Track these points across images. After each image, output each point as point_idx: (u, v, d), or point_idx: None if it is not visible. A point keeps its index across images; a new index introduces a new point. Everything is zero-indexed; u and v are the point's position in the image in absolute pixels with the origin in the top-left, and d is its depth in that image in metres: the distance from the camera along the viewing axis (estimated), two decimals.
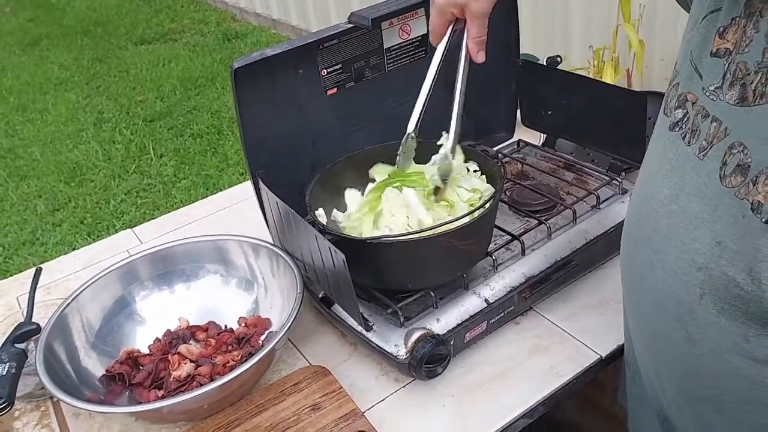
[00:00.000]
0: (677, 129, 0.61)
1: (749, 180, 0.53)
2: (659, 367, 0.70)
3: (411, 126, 0.89)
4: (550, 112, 1.18)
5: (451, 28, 0.83)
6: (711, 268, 0.57)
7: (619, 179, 1.07)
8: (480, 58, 0.82)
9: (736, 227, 0.54)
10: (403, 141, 0.90)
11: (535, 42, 2.45)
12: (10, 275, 1.24)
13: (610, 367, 0.91)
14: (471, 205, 0.90)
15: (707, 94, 0.57)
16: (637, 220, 0.68)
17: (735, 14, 0.55)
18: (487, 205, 0.86)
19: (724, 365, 0.59)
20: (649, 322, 0.68)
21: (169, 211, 1.38)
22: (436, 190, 0.91)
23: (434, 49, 0.85)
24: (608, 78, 1.75)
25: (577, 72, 1.65)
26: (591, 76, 1.79)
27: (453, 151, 0.88)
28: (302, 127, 1.00)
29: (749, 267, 0.54)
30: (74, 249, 1.82)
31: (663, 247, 0.62)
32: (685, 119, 0.60)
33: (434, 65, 0.86)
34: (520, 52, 1.20)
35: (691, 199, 0.58)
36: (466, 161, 0.96)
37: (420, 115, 0.88)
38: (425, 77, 0.87)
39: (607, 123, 1.07)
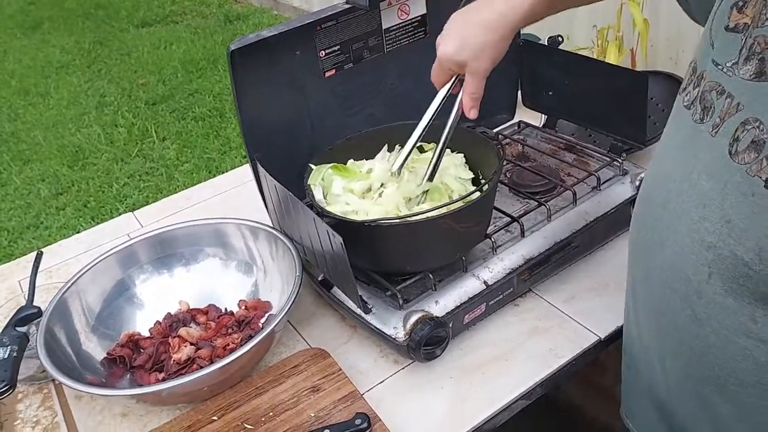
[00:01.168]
0: (691, 107, 0.59)
1: (763, 156, 0.51)
2: (664, 348, 0.69)
3: (396, 167, 0.91)
4: (551, 93, 1.17)
5: (454, 77, 0.84)
6: (720, 247, 0.56)
7: (619, 160, 1.06)
8: (472, 114, 0.84)
9: (745, 205, 0.53)
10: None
11: (539, 21, 2.43)
12: (15, 259, 1.25)
13: (611, 348, 0.91)
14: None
15: (724, 70, 0.55)
16: (648, 199, 0.67)
17: None
18: (486, 187, 0.85)
19: (729, 345, 0.58)
20: (656, 301, 0.67)
21: (172, 195, 1.38)
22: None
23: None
24: (612, 57, 1.74)
25: (580, 52, 1.64)
26: (595, 55, 1.77)
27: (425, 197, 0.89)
28: (300, 109, 1.00)
29: (758, 246, 0.53)
30: (78, 232, 1.82)
31: (673, 226, 0.61)
32: (700, 97, 0.58)
33: (432, 108, 0.87)
34: (522, 32, 1.18)
35: (701, 177, 0.57)
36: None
37: (407, 156, 0.90)
38: (420, 121, 0.88)
39: (608, 103, 1.06)
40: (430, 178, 0.89)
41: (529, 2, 0.76)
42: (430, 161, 0.88)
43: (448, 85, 0.85)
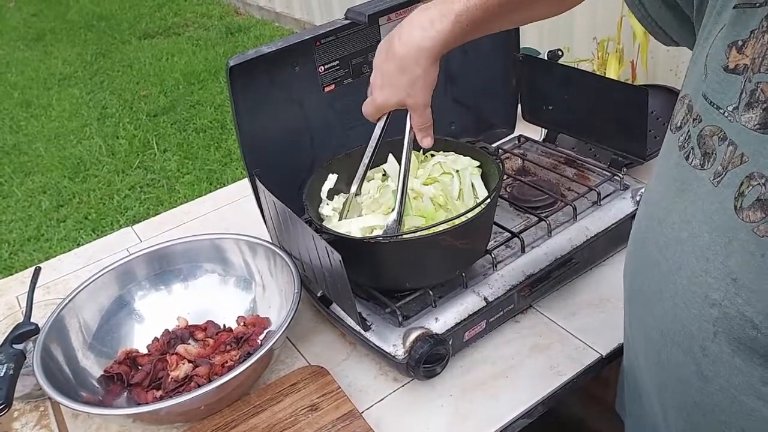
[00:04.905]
0: (688, 149, 0.55)
1: None
2: (665, 398, 0.66)
3: (353, 188, 0.91)
4: (551, 107, 1.17)
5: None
6: (726, 305, 0.52)
7: (620, 175, 1.05)
8: (426, 143, 0.83)
9: (753, 265, 0.50)
10: (346, 201, 0.91)
11: (540, 34, 2.43)
12: (15, 272, 1.24)
13: (614, 363, 0.90)
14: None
15: (725, 115, 0.52)
16: (642, 242, 0.63)
17: (754, 26, 0.49)
18: (486, 203, 0.85)
19: (737, 405, 0.55)
20: (655, 348, 0.64)
21: (173, 207, 1.37)
22: None
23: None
24: (612, 70, 1.73)
25: (581, 64, 1.63)
26: (595, 67, 1.77)
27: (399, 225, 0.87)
28: (300, 124, 0.99)
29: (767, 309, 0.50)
30: (79, 245, 1.81)
31: (672, 277, 0.58)
32: (698, 140, 0.54)
33: (374, 139, 0.87)
34: (523, 45, 1.18)
35: (702, 228, 0.54)
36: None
37: (362, 178, 0.90)
38: (367, 144, 0.88)
39: (608, 118, 1.06)
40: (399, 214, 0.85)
41: (447, 29, 0.72)
42: (397, 194, 0.85)
43: (382, 121, 0.85)
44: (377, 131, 0.86)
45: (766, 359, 0.52)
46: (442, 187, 0.91)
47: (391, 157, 0.99)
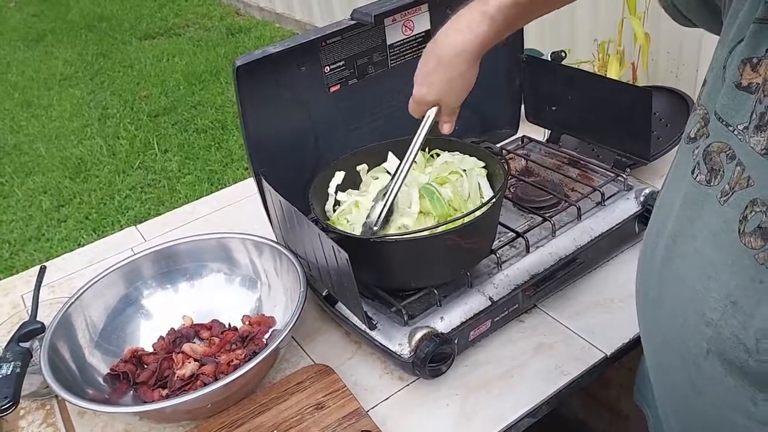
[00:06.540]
0: (699, 164, 0.55)
1: None
2: (666, 405, 0.67)
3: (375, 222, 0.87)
4: (554, 108, 1.17)
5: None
6: (721, 326, 0.52)
7: (624, 175, 1.06)
8: (446, 129, 0.85)
9: (753, 290, 0.50)
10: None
11: (541, 35, 2.43)
12: (17, 271, 1.25)
13: (616, 363, 0.90)
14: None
15: (735, 133, 0.51)
16: (652, 250, 0.63)
17: None
18: (491, 203, 0.85)
19: (727, 422, 0.56)
20: (657, 355, 0.65)
21: (174, 207, 1.38)
22: None
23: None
24: (613, 71, 1.74)
25: (581, 65, 1.64)
26: (596, 69, 1.77)
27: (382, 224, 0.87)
28: (305, 124, 1.00)
29: (758, 336, 0.50)
30: (79, 245, 1.81)
31: (674, 289, 0.58)
32: (704, 155, 0.54)
33: (417, 136, 0.85)
34: (525, 47, 1.19)
35: (706, 245, 0.53)
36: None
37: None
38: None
39: (611, 119, 1.06)
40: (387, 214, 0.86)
41: (483, 31, 0.75)
42: (392, 189, 0.85)
43: (425, 119, 0.85)
44: (421, 129, 0.85)
45: (755, 381, 0.52)
46: (453, 188, 0.91)
47: (391, 155, 0.99)
